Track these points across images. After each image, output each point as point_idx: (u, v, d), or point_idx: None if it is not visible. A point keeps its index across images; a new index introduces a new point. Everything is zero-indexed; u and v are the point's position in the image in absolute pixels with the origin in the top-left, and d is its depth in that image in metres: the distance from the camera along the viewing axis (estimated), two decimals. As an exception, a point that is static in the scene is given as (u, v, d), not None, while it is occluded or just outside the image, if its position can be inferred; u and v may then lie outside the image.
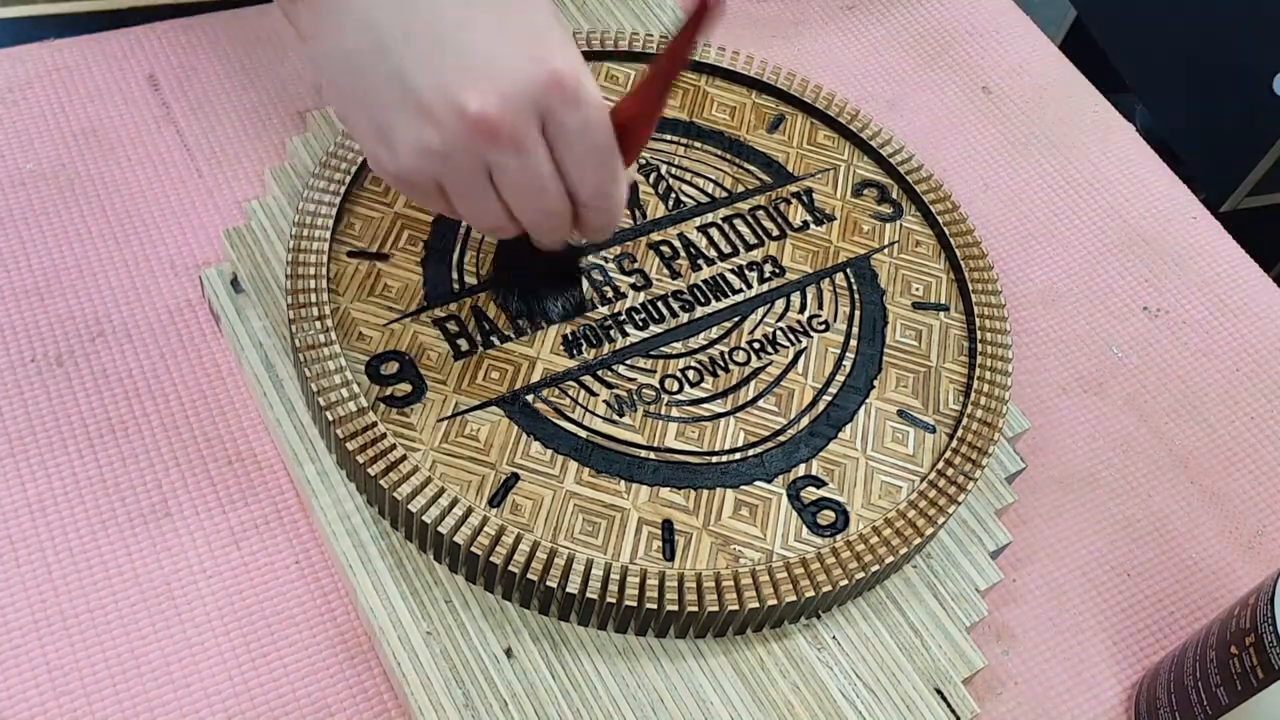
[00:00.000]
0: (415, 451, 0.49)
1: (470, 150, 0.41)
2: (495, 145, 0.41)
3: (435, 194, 0.44)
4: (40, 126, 0.62)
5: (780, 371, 0.54)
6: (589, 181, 0.43)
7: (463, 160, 0.41)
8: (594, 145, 0.42)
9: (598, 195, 0.44)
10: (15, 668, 0.47)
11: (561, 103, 0.41)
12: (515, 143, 0.41)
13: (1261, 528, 0.60)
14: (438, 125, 0.40)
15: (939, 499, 0.51)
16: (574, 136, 0.42)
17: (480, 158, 0.41)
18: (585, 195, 0.44)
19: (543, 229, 0.45)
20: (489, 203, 0.43)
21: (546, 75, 0.40)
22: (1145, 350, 0.66)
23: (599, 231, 0.46)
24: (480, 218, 0.44)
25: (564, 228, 0.45)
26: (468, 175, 0.42)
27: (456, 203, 0.44)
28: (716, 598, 0.47)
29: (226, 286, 0.55)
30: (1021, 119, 0.75)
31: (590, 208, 0.44)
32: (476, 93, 0.40)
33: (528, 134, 0.41)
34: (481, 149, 0.41)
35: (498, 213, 0.44)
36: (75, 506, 0.51)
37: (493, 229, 0.45)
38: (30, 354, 0.55)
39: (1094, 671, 0.54)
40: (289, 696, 0.48)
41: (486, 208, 0.44)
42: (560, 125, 0.41)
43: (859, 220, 0.61)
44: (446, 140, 0.41)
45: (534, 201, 0.43)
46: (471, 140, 0.40)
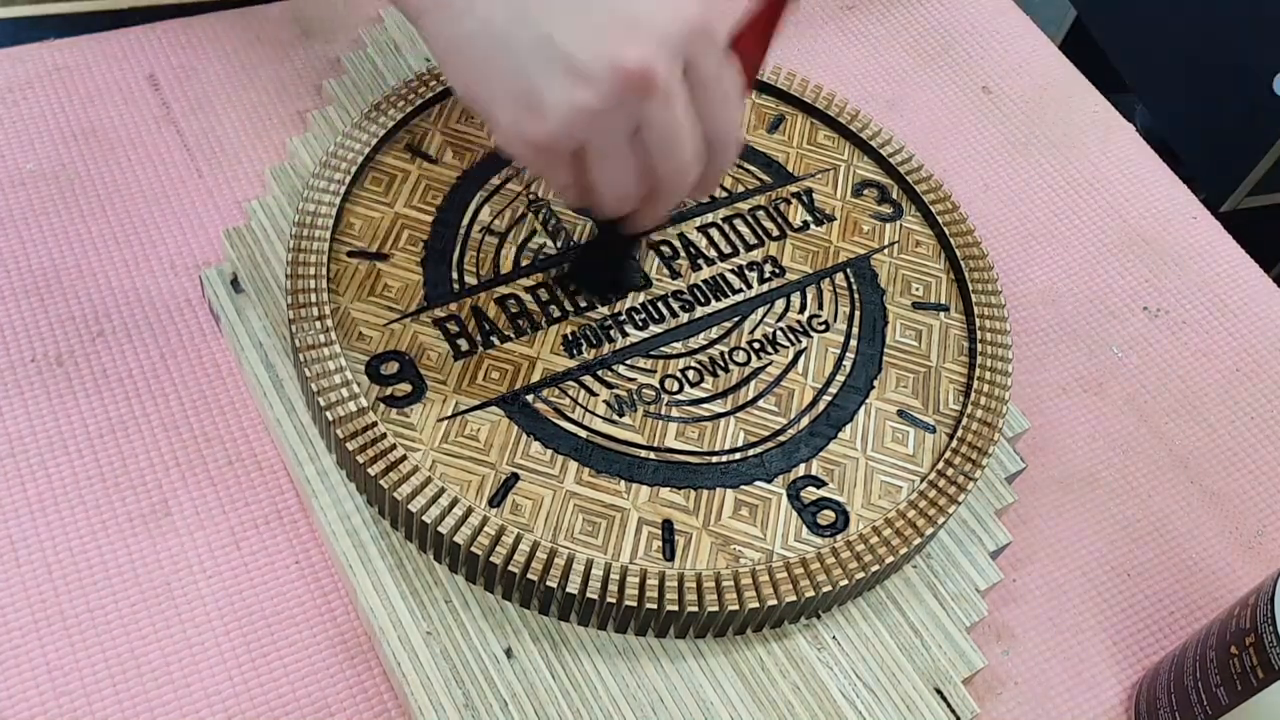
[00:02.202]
0: (415, 451, 0.49)
1: (625, 105, 0.40)
2: (652, 96, 0.40)
3: (569, 162, 0.43)
4: (40, 126, 0.62)
5: (780, 371, 0.54)
6: (727, 124, 0.43)
7: (618, 116, 0.40)
8: (730, 88, 0.42)
9: (727, 138, 0.43)
10: (15, 668, 0.47)
11: (704, 47, 0.41)
12: (668, 93, 0.40)
13: (1261, 528, 0.60)
14: (594, 83, 0.39)
15: (939, 499, 0.51)
16: (713, 80, 0.41)
17: (634, 113, 0.41)
18: (720, 137, 0.43)
19: (675, 187, 0.44)
20: (628, 163, 0.42)
21: (692, 22, 0.40)
22: (1145, 350, 0.66)
23: (713, 183, 0.46)
24: (617, 181, 0.43)
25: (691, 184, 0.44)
26: (619, 133, 0.41)
27: (598, 164, 0.42)
28: (716, 598, 0.47)
29: (226, 286, 0.55)
30: (1021, 119, 0.75)
31: (720, 152, 0.44)
32: (631, 46, 0.39)
33: (677, 83, 0.40)
34: (637, 102, 0.40)
35: (635, 174, 0.43)
36: (75, 506, 0.51)
37: (621, 195, 0.44)
38: (30, 354, 0.55)
39: (1094, 671, 0.54)
40: (289, 696, 0.48)
41: (625, 168, 0.43)
42: (700, 70, 0.41)
43: (859, 220, 0.61)
44: (604, 97, 0.40)
45: (678, 154, 0.42)
46: (629, 95, 0.40)
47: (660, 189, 0.44)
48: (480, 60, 0.41)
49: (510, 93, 0.41)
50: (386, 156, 0.58)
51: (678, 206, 0.48)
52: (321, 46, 0.68)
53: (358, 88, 0.63)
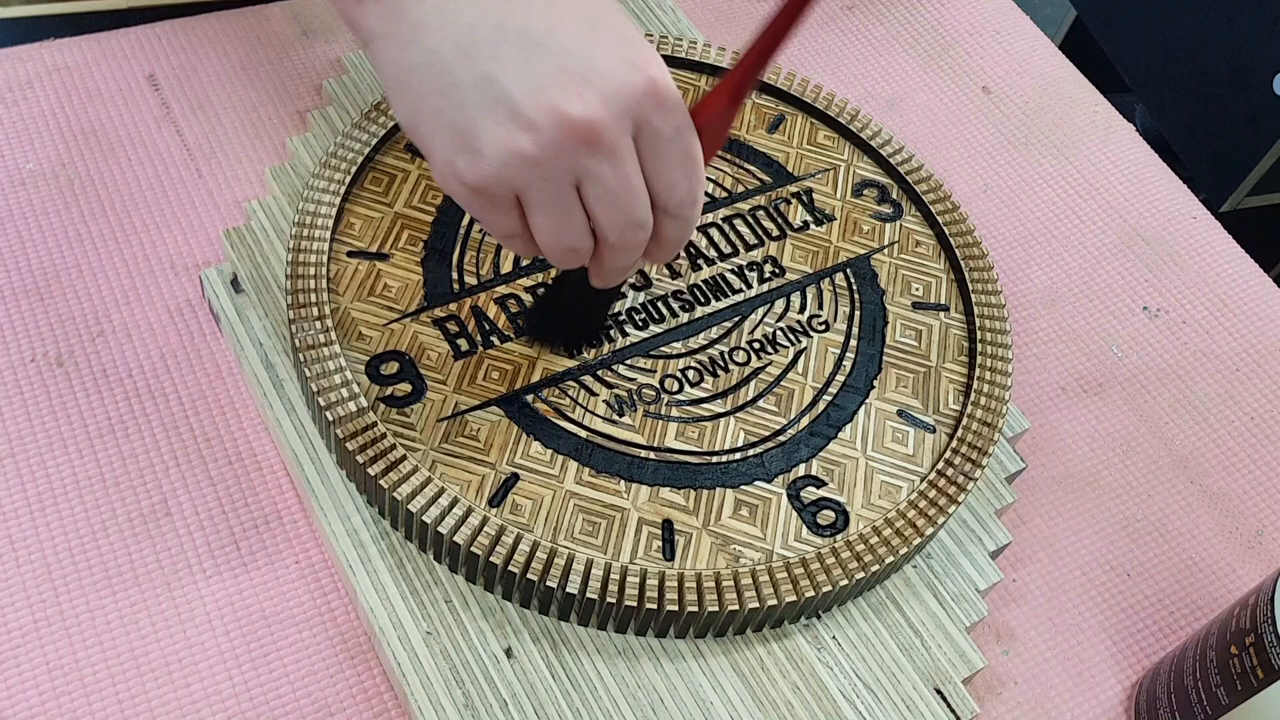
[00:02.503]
0: (415, 451, 0.49)
1: (566, 157, 0.39)
2: (594, 152, 0.39)
3: (510, 207, 0.41)
4: (40, 126, 0.62)
5: (780, 371, 0.54)
6: (679, 188, 0.42)
7: (556, 167, 0.39)
8: (685, 152, 0.41)
9: (685, 203, 0.43)
10: (15, 668, 0.47)
11: (657, 110, 0.40)
12: (614, 150, 0.39)
13: (1261, 528, 0.60)
14: (534, 130, 0.38)
15: (939, 499, 0.51)
16: (667, 143, 0.41)
17: (574, 165, 0.40)
18: (674, 204, 0.42)
19: (622, 246, 0.43)
20: (572, 216, 0.41)
21: (645, 82, 0.39)
22: (1145, 350, 0.66)
23: (672, 247, 0.44)
24: (558, 233, 0.42)
25: (641, 245, 0.43)
26: (558, 184, 0.40)
27: (537, 214, 0.41)
28: (716, 598, 0.47)
29: (226, 286, 0.55)
30: (1021, 119, 0.75)
31: (675, 218, 0.43)
32: (578, 98, 0.38)
33: (624, 141, 0.40)
34: (578, 156, 0.39)
35: (578, 228, 0.42)
36: (75, 506, 0.51)
37: (566, 248, 0.43)
38: (30, 354, 0.55)
39: (1094, 671, 0.54)
40: (289, 696, 0.48)
41: (569, 221, 0.41)
42: (655, 132, 0.40)
43: (859, 220, 0.61)
44: (543, 146, 0.39)
45: (623, 212, 0.41)
46: (570, 146, 0.39)
47: (608, 248, 0.43)
48: (423, 93, 0.40)
49: (449, 129, 0.40)
50: (386, 156, 0.58)
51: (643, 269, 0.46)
52: (321, 46, 0.68)
53: (358, 88, 0.63)
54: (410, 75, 0.40)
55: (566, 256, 0.43)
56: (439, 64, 0.40)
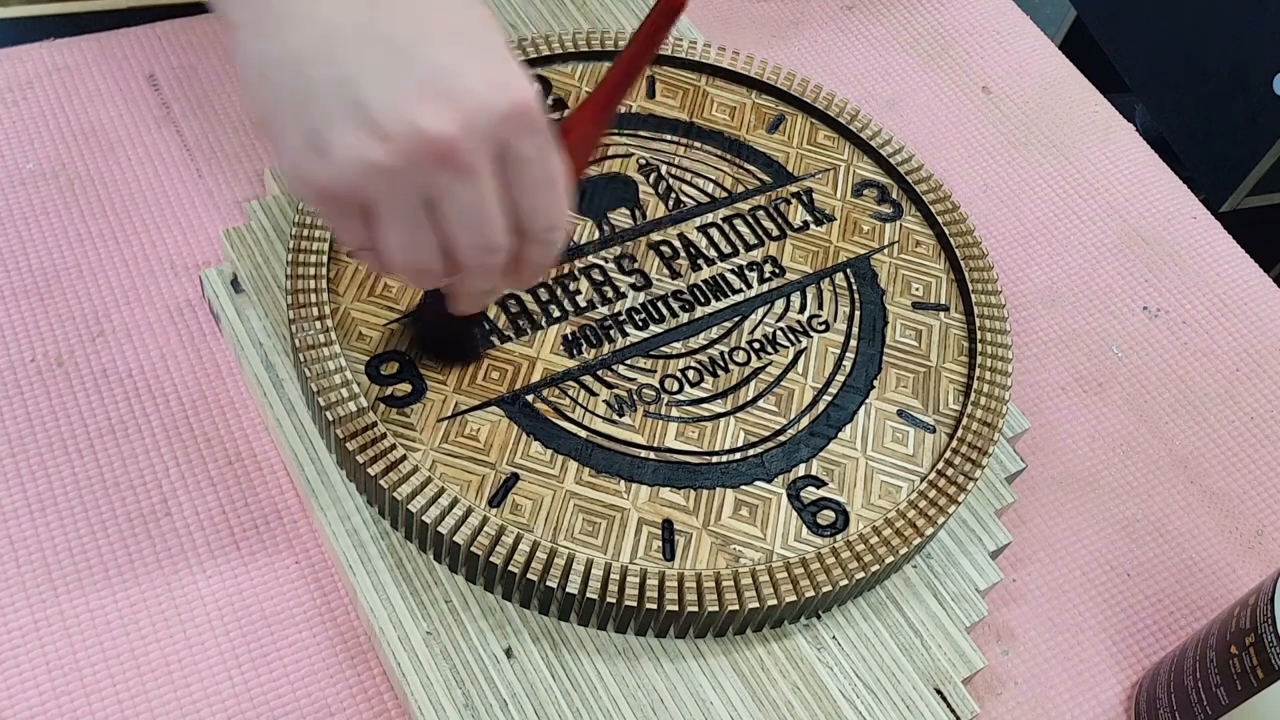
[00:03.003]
0: (415, 451, 0.49)
1: (418, 172, 0.38)
2: (449, 170, 0.38)
3: (356, 216, 0.40)
4: (40, 126, 0.62)
5: (780, 371, 0.54)
6: (542, 212, 0.41)
7: (407, 182, 0.38)
8: (549, 176, 0.40)
9: (548, 227, 0.41)
10: (15, 668, 0.47)
11: (520, 131, 0.39)
12: (469, 169, 0.38)
13: (1261, 528, 0.60)
14: (386, 141, 0.37)
15: (939, 499, 0.51)
16: (530, 166, 0.39)
17: (426, 182, 0.38)
18: (536, 228, 0.41)
19: (476, 268, 0.41)
20: (422, 233, 0.39)
21: (509, 103, 0.38)
22: (1145, 350, 0.66)
23: (534, 273, 0.43)
24: (407, 251, 0.40)
25: (496, 270, 0.42)
26: (408, 199, 0.39)
27: (386, 229, 0.39)
28: (716, 598, 0.47)
29: (226, 286, 0.55)
30: (1021, 119, 0.75)
31: (538, 242, 0.42)
32: (437, 114, 0.37)
33: (483, 161, 0.38)
34: (431, 173, 0.38)
35: (428, 246, 0.40)
36: (75, 506, 0.51)
37: (417, 267, 0.41)
38: (30, 354, 0.55)
39: (1094, 671, 0.54)
40: (289, 696, 0.48)
41: (418, 239, 0.40)
42: (517, 155, 0.39)
43: (859, 220, 0.61)
44: (395, 158, 0.37)
45: (477, 235, 0.40)
46: (423, 162, 0.37)
47: (465, 269, 0.41)
48: (280, 89, 0.39)
49: (301, 129, 0.38)
50: (386, 156, 0.58)
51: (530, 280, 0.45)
52: (321, 46, 0.68)
53: (358, 88, 0.63)
54: (269, 69, 0.39)
55: (418, 276, 0.41)
56: (298, 61, 0.38)
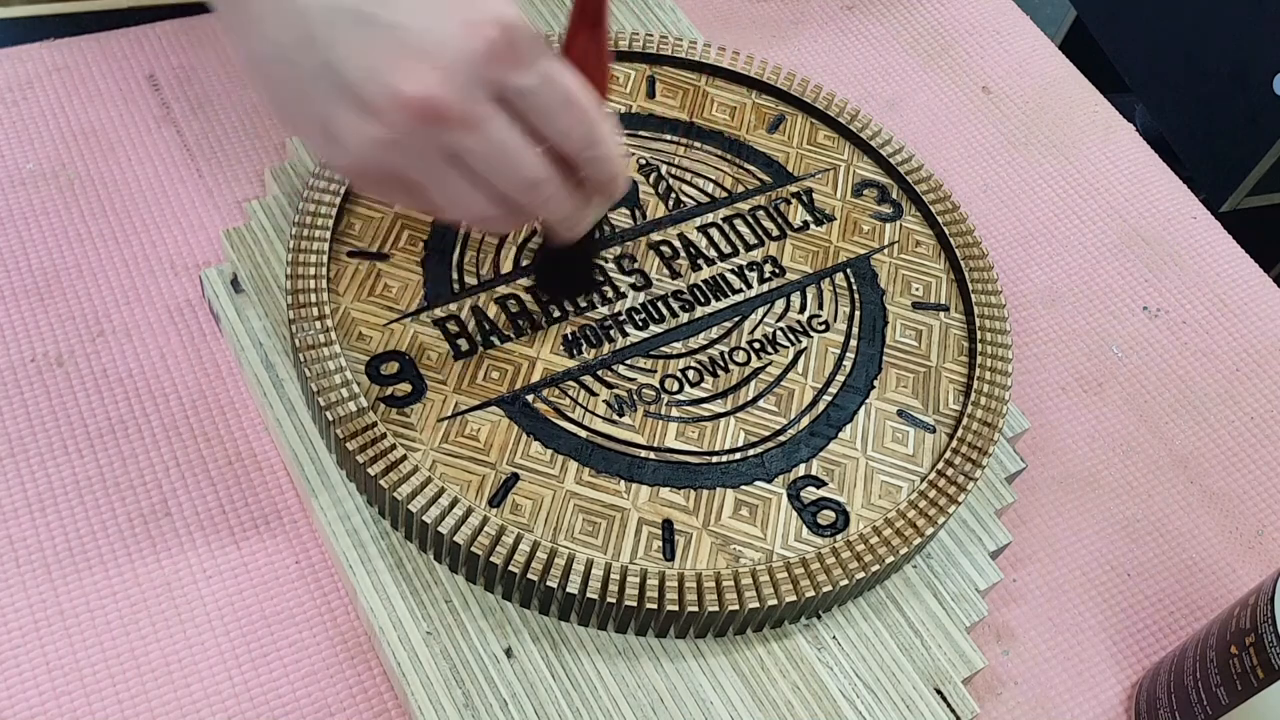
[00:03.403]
0: (415, 451, 0.49)
1: (421, 136, 0.37)
2: (447, 127, 0.37)
3: (400, 185, 0.40)
4: (40, 126, 0.62)
5: (780, 371, 0.54)
6: (574, 133, 0.40)
7: (415, 147, 0.38)
8: (562, 96, 0.39)
9: (588, 143, 0.40)
10: (15, 668, 0.47)
11: (509, 66, 0.38)
12: (466, 120, 0.37)
13: (1261, 528, 0.60)
14: (378, 115, 0.37)
15: (939, 499, 0.51)
16: (534, 96, 0.38)
17: (435, 142, 0.38)
18: (576, 148, 0.40)
19: (535, 203, 0.41)
20: (464, 188, 0.40)
21: (484, 43, 0.37)
22: (1145, 350, 0.66)
23: (609, 184, 0.43)
24: (463, 206, 0.40)
25: (561, 198, 0.41)
26: (428, 161, 0.39)
27: (427, 191, 0.40)
28: (716, 598, 0.47)
29: (226, 286, 0.55)
30: (1021, 119, 0.75)
31: (587, 159, 0.41)
32: (412, 76, 0.36)
33: (477, 108, 0.37)
34: (433, 133, 0.37)
35: (478, 198, 0.40)
36: (75, 506, 0.51)
37: (482, 218, 0.41)
38: (30, 354, 0.55)
39: (1094, 671, 0.54)
40: (289, 696, 0.48)
41: (463, 193, 0.40)
42: (518, 89, 0.38)
43: (859, 220, 0.61)
44: (393, 129, 0.37)
45: (512, 175, 0.40)
46: (418, 126, 0.37)
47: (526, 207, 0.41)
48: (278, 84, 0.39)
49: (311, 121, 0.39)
50: (386, 156, 0.58)
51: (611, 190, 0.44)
52: (321, 46, 0.68)
53: (358, 88, 0.63)
54: (263, 68, 0.39)
55: (487, 223, 0.42)
56: (284, 55, 0.38)
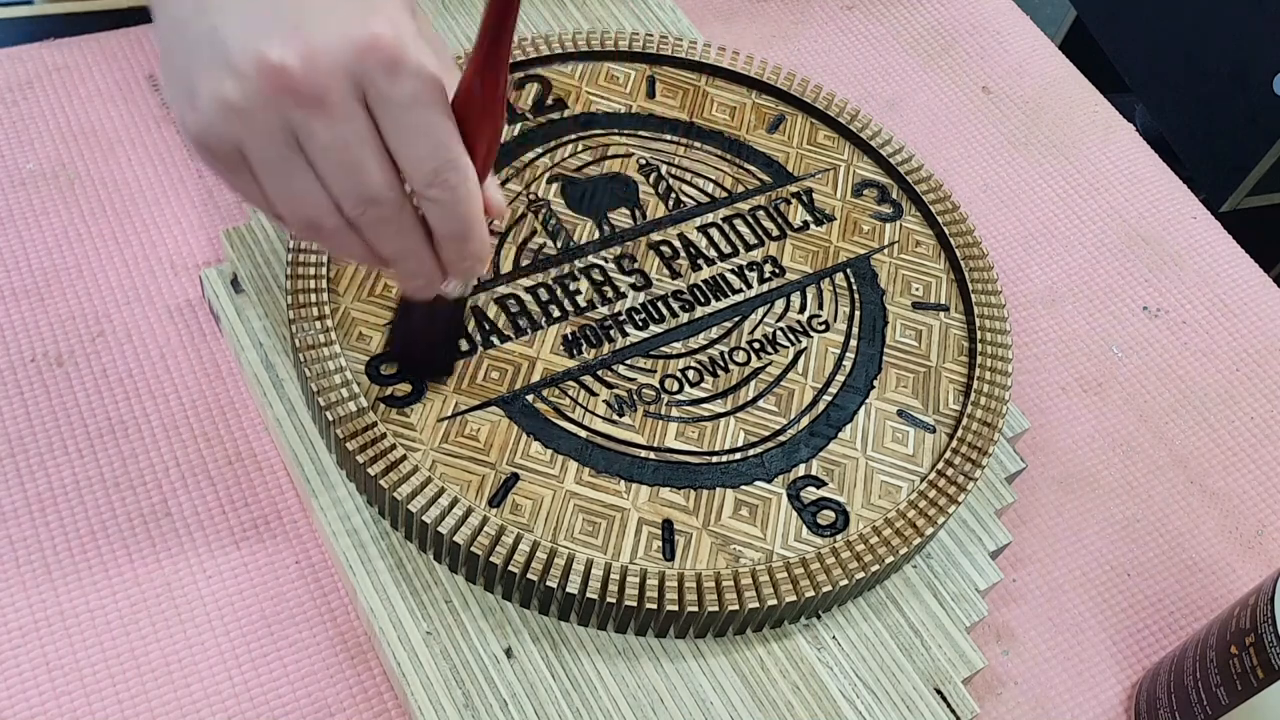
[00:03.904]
0: (415, 451, 0.49)
1: (270, 106, 0.37)
2: (300, 105, 0.37)
3: (239, 165, 0.39)
4: (40, 126, 0.62)
5: (780, 371, 0.54)
6: (424, 162, 0.39)
7: (264, 119, 0.38)
8: (424, 121, 0.39)
9: (435, 180, 0.40)
10: (15, 668, 0.47)
11: (382, 69, 0.37)
12: (318, 102, 0.37)
13: (1261, 528, 0.60)
14: (238, 77, 0.37)
15: (939, 499, 0.51)
16: (398, 109, 0.38)
17: (284, 119, 0.38)
18: (420, 180, 0.40)
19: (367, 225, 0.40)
20: (298, 180, 0.39)
21: (364, 37, 0.37)
22: (1145, 350, 0.66)
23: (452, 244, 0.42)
24: (291, 202, 0.40)
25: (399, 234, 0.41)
26: (271, 139, 0.38)
27: (260, 175, 0.39)
28: (716, 598, 0.47)
29: (226, 286, 0.55)
30: (1021, 119, 0.75)
31: (431, 198, 0.40)
32: (280, 43, 0.37)
33: (335, 96, 0.37)
34: (284, 107, 0.37)
35: (311, 194, 0.39)
36: (75, 506, 0.51)
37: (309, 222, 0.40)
38: (30, 354, 0.55)
39: (1094, 671, 0.54)
40: (289, 697, 0.48)
41: (295, 185, 0.39)
42: (381, 95, 0.38)
43: (859, 220, 0.61)
44: (246, 93, 0.37)
45: (349, 180, 0.39)
46: (271, 95, 0.37)
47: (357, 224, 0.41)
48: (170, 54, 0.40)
49: (179, 83, 0.39)
50: (386, 156, 0.58)
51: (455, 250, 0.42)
52: (321, 46, 0.68)
53: (358, 88, 0.63)
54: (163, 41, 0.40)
55: (308, 230, 0.41)
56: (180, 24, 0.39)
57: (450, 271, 0.44)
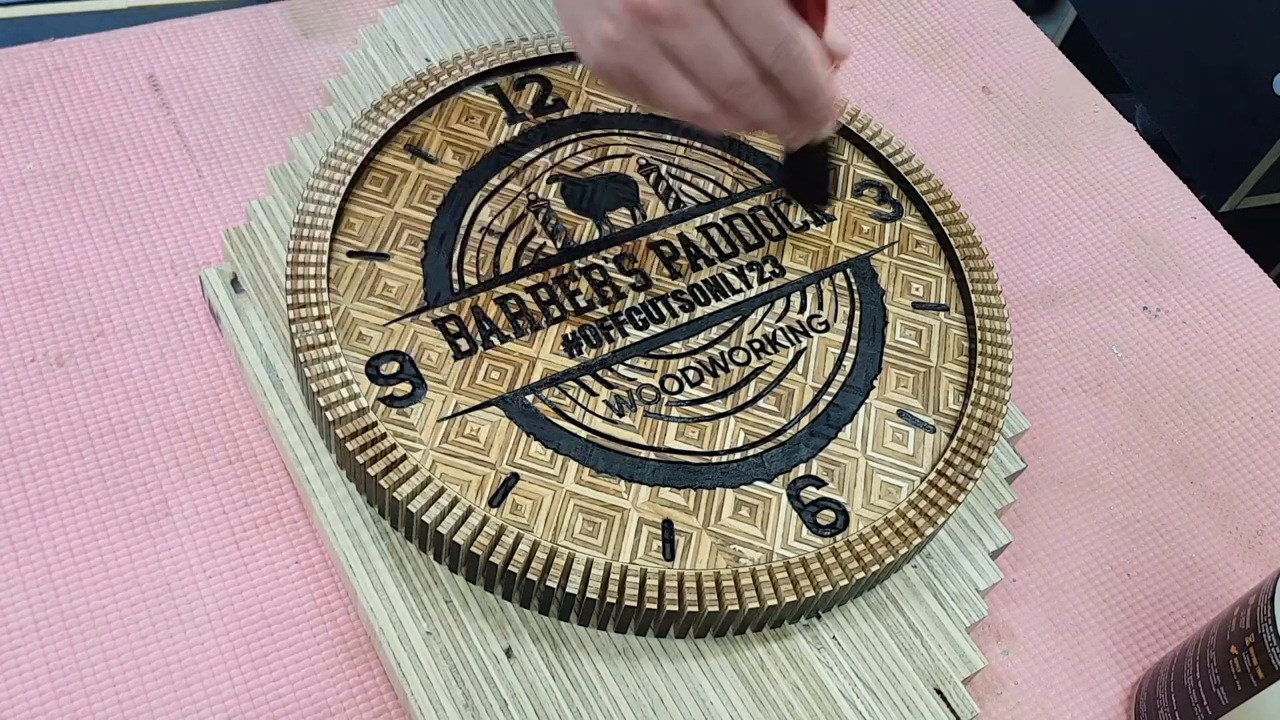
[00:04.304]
0: (415, 451, 0.49)
1: (641, 35, 0.46)
2: (663, 26, 0.46)
3: (633, 83, 0.49)
4: (40, 126, 0.62)
5: (780, 371, 0.54)
6: (766, 43, 0.46)
7: (637, 46, 0.47)
8: (756, 9, 0.46)
9: (779, 55, 0.47)
10: (15, 668, 0.47)
11: None
12: (676, 19, 0.45)
13: (1261, 528, 0.60)
14: (612, 18, 0.46)
15: (939, 499, 0.51)
16: (736, 4, 0.46)
17: (653, 42, 0.46)
18: (767, 58, 0.47)
19: (740, 102, 0.48)
20: (677, 82, 0.48)
21: None
22: (1145, 350, 0.66)
23: (806, 102, 0.49)
24: (678, 99, 0.48)
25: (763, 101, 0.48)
26: (647, 59, 0.47)
27: (650, 87, 0.48)
28: (716, 598, 0.47)
29: (226, 286, 0.55)
30: (1021, 119, 0.75)
31: (779, 71, 0.47)
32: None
33: (687, 12, 0.45)
34: (652, 32, 0.46)
35: (690, 92, 0.48)
36: (75, 506, 0.51)
37: (696, 113, 0.49)
38: (30, 354, 0.55)
39: (1094, 671, 0.54)
40: (289, 697, 0.48)
41: (677, 87, 0.48)
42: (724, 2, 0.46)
43: (859, 220, 0.61)
44: (621, 29, 0.46)
45: (714, 72, 0.47)
46: (639, 25, 0.46)
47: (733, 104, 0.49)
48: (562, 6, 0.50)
49: (573, 30, 0.50)
50: (386, 156, 0.58)
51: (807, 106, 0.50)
52: (321, 46, 0.68)
53: (358, 88, 0.63)
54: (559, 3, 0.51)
55: (705, 120, 0.49)
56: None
57: (812, 122, 0.52)
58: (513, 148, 0.60)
